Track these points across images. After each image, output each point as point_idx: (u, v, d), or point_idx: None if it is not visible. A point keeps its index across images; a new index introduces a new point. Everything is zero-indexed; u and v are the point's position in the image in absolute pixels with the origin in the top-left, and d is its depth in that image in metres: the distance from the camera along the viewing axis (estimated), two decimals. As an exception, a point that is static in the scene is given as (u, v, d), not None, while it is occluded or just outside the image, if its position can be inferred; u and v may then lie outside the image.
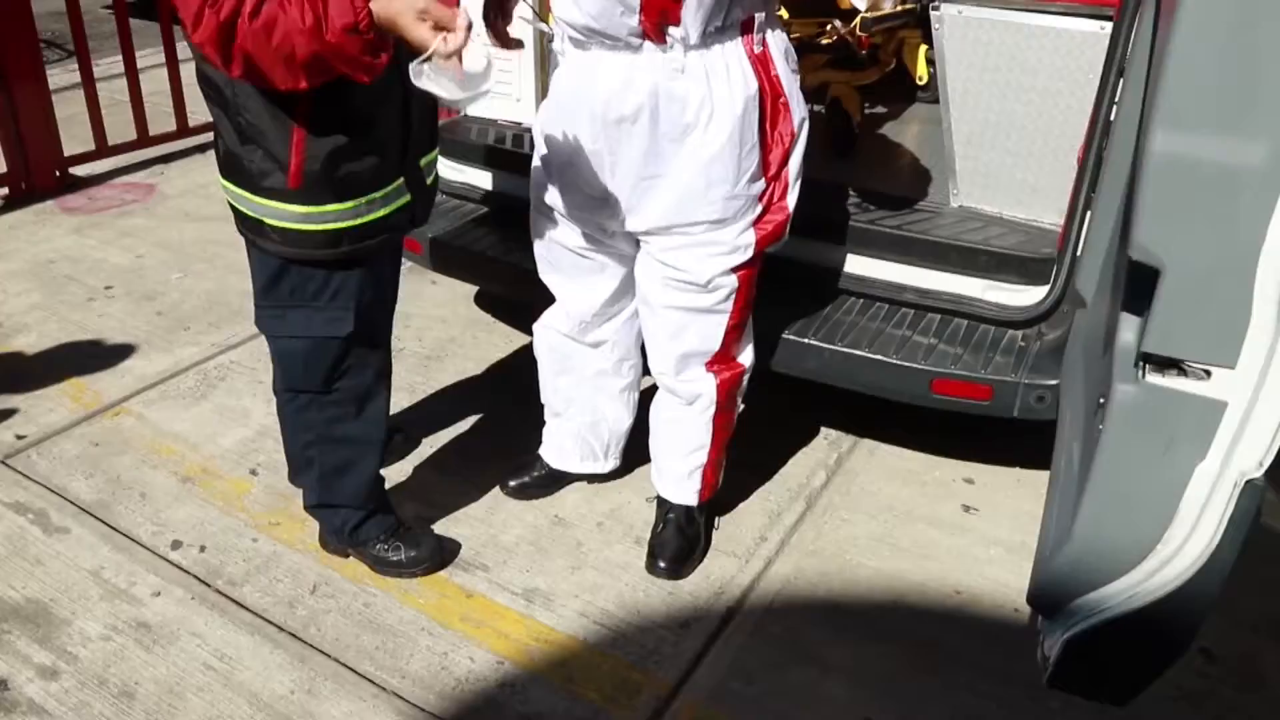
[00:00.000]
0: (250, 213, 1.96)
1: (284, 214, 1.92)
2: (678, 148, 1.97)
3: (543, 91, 3.11)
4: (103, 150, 4.75)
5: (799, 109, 2.04)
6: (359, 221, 1.97)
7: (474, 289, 3.66)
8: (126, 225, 4.27)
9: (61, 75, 5.30)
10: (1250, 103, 1.14)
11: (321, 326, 2.08)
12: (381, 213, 2.00)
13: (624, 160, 2.01)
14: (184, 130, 5.04)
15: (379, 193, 1.98)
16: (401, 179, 2.03)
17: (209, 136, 5.11)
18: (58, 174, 4.57)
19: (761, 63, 1.96)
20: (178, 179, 4.79)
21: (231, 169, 1.95)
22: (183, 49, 4.99)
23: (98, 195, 4.58)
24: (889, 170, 3.19)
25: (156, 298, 3.67)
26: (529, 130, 3.11)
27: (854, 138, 3.21)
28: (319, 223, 1.94)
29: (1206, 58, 1.13)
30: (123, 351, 3.31)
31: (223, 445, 2.86)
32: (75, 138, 4.67)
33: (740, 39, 1.93)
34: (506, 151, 3.03)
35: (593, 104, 1.98)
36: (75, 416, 2.96)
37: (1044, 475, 2.10)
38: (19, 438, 2.86)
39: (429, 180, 2.15)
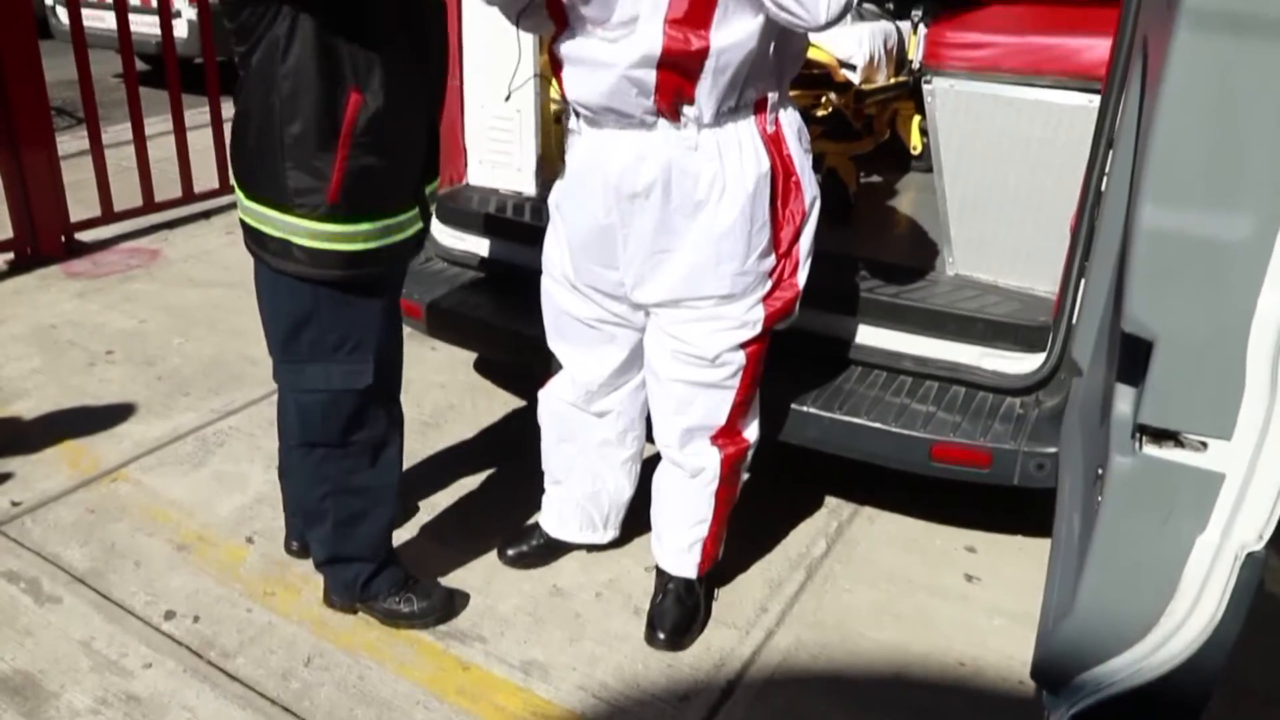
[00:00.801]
0: (278, 232, 1.97)
1: (316, 232, 1.95)
2: (689, 223, 2.00)
3: (542, 161, 3.16)
4: (109, 216, 4.80)
5: (810, 188, 2.07)
6: (381, 243, 2.02)
7: (474, 355, 3.67)
8: (130, 290, 4.30)
9: (71, 142, 5.38)
10: (1235, 178, 1.16)
11: (340, 380, 2.10)
12: (399, 237, 2.06)
13: (636, 233, 2.04)
14: (189, 196, 5.10)
15: (400, 217, 2.05)
16: (416, 206, 2.10)
17: (214, 202, 5.19)
18: (63, 239, 4.62)
19: (774, 142, 2.00)
20: (182, 244, 4.84)
21: (263, 188, 1.96)
22: (191, 116, 5.08)
23: (102, 260, 4.61)
24: (885, 239, 3.22)
25: (157, 362, 3.68)
26: (529, 199, 3.16)
27: (850, 207, 3.25)
28: (347, 242, 1.97)
29: (1191, 134, 1.16)
30: (122, 416, 3.31)
31: (220, 512, 2.84)
32: (82, 203, 4.73)
33: (753, 118, 1.97)
34: (506, 220, 3.07)
35: (606, 178, 2.02)
36: (72, 482, 2.95)
37: (1047, 543, 2.08)
38: (14, 504, 2.85)
39: (431, 208, 2.20)
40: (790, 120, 2.04)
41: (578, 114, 2.05)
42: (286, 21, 1.80)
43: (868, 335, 2.69)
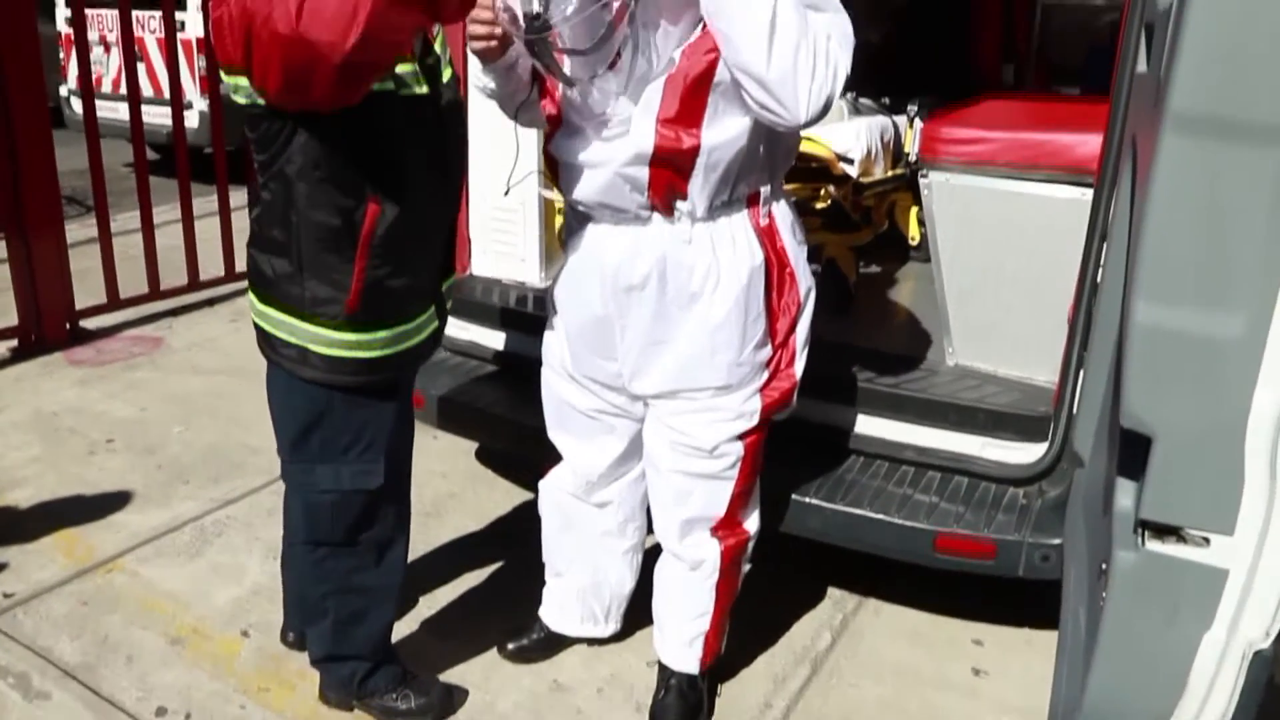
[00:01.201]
0: (295, 339, 1.96)
1: (334, 340, 1.95)
2: (685, 315, 2.02)
3: (546, 254, 3.21)
4: (114, 303, 4.85)
5: (805, 279, 2.10)
6: (400, 348, 2.03)
7: (475, 444, 3.66)
8: (132, 378, 4.32)
9: (80, 230, 5.45)
10: (1225, 277, 1.18)
11: (350, 480, 2.08)
12: (418, 339, 2.07)
13: (632, 325, 2.06)
14: (194, 284, 5.16)
15: (419, 319, 2.06)
16: (434, 305, 2.11)
17: (218, 290, 5.25)
18: (68, 326, 4.66)
19: (768, 234, 2.03)
20: (185, 332, 4.88)
21: (280, 296, 1.96)
22: (199, 204, 5.17)
23: (105, 348, 4.64)
24: (885, 328, 3.25)
25: (157, 451, 3.67)
26: (533, 290, 3.19)
27: (850, 297, 3.29)
28: (365, 349, 1.97)
29: (1180, 234, 1.18)
30: (120, 505, 3.29)
31: (215, 604, 2.81)
32: (88, 290, 4.78)
33: (746, 211, 2.00)
34: (510, 311, 3.10)
35: (603, 270, 2.04)
36: (66, 573, 2.92)
37: (1054, 635, 2.05)
38: (6, 596, 2.81)
39: (448, 304, 2.21)
40: (783, 213, 2.07)
41: (574, 208, 2.09)
42: (303, 135, 1.82)
43: (869, 425, 2.69)
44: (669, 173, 1.89)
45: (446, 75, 2.02)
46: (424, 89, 1.92)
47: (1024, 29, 5.93)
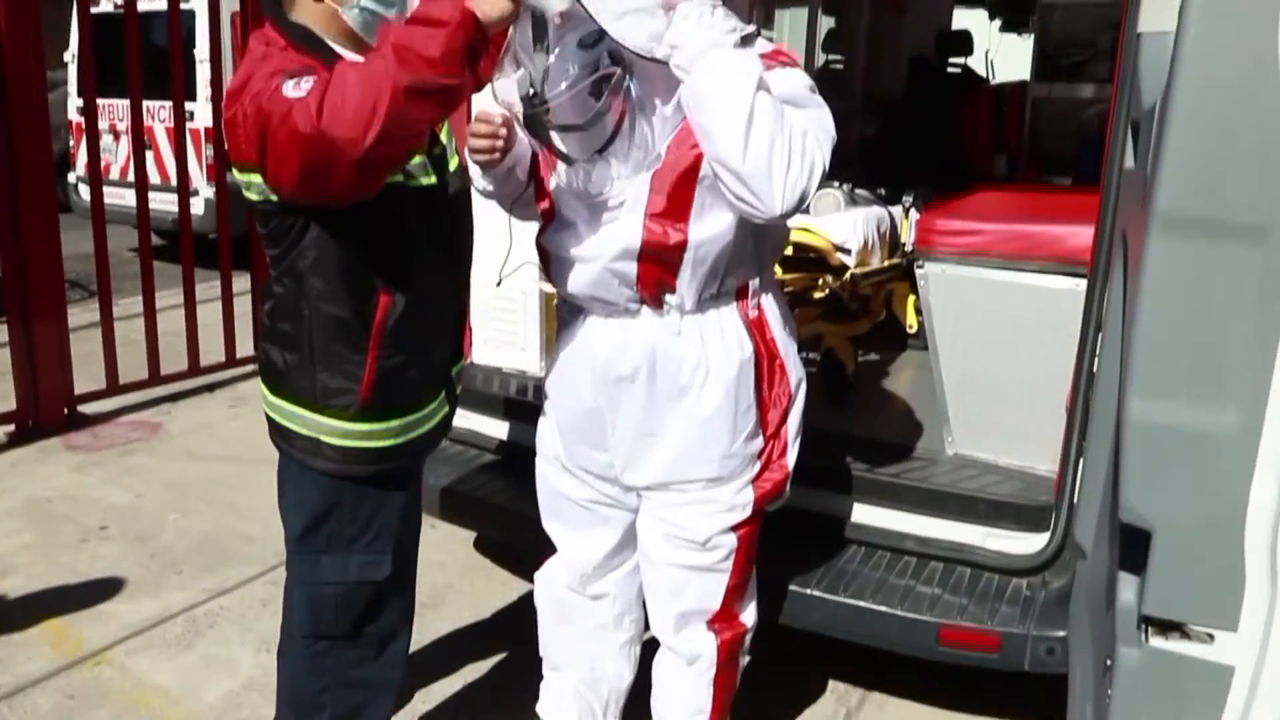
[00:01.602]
0: (307, 430, 1.96)
1: (348, 431, 1.94)
2: (675, 406, 2.02)
3: (547, 343, 3.22)
4: (113, 388, 4.86)
5: (796, 370, 2.11)
6: (412, 435, 2.03)
7: (474, 533, 3.63)
8: (129, 464, 4.31)
9: (82, 314, 5.49)
10: (1217, 373, 1.18)
11: (358, 571, 2.05)
12: (429, 425, 2.07)
13: (623, 417, 2.06)
14: (195, 369, 5.17)
15: (430, 405, 2.07)
16: (444, 391, 2.12)
17: (219, 375, 5.27)
18: (66, 411, 4.66)
19: (758, 326, 2.04)
20: (184, 417, 4.87)
21: (292, 388, 1.96)
22: (202, 290, 5.22)
23: (103, 433, 4.64)
24: (884, 418, 3.25)
25: (151, 539, 3.64)
26: (533, 379, 3.20)
27: (848, 386, 3.30)
28: (378, 439, 1.97)
29: (1171, 331, 1.19)
30: (111, 594, 3.25)
31: (205, 699, 2.75)
32: (88, 375, 4.79)
33: (736, 304, 2.02)
34: (510, 400, 3.10)
35: (593, 363, 2.05)
36: (53, 666, 2.87)
37: (1060, 734, 2.00)
38: (-8, 689, 2.76)
39: (458, 389, 2.22)
40: (773, 304, 2.09)
41: (565, 300, 2.11)
42: (315, 230, 1.85)
43: (870, 515, 2.68)
44: (657, 267, 1.91)
45: (453, 164, 2.07)
46: (432, 179, 1.96)
47: (1014, 121, 6.09)
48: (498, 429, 3.14)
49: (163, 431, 4.70)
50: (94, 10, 5.31)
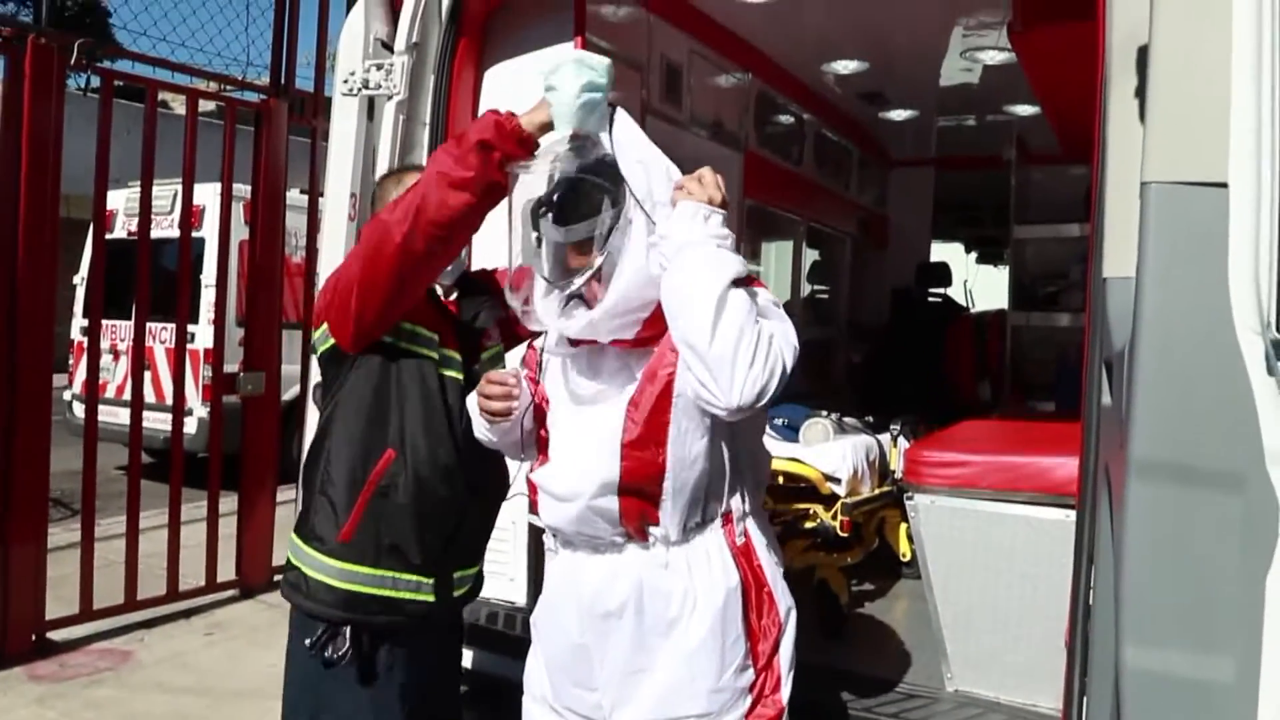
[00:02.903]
0: (297, 562, 2.13)
1: (322, 565, 2.09)
2: (663, 641, 1.97)
3: (535, 575, 3.17)
4: (86, 614, 4.69)
5: (784, 598, 2.07)
6: (381, 592, 2.11)
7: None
8: (94, 695, 4.11)
9: (62, 534, 5.40)
10: (1209, 618, 1.16)
11: None
12: (402, 594, 2.13)
13: (611, 654, 2.00)
14: (173, 594, 5.02)
15: (406, 576, 2.14)
16: (434, 580, 2.16)
17: (197, 601, 5.12)
18: (34, 638, 4.48)
19: (744, 554, 2.01)
20: (157, 646, 4.70)
21: (300, 521, 2.16)
22: (188, 510, 5.15)
23: (70, 661, 4.45)
24: (880, 652, 3.16)
25: (109, 779, 3.43)
26: (520, 610, 3.13)
27: (843, 618, 3.22)
28: (347, 580, 2.09)
29: (1158, 577, 1.18)
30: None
31: None
32: (61, 599, 4.65)
33: (721, 530, 2.00)
34: (497, 632, 3.02)
35: (580, 598, 2.02)
36: None
37: None
38: None
39: (457, 593, 2.25)
40: (759, 531, 2.06)
41: (554, 535, 2.10)
42: (352, 379, 2.12)
43: (869, 759, 2.56)
44: (638, 500, 1.91)
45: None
46: (460, 376, 2.18)
47: (996, 348, 6.25)
48: (484, 662, 3.04)
49: (133, 660, 4.51)
50: (108, 237, 5.52)
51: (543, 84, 1.88)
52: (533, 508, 2.13)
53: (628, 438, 1.89)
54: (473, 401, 2.09)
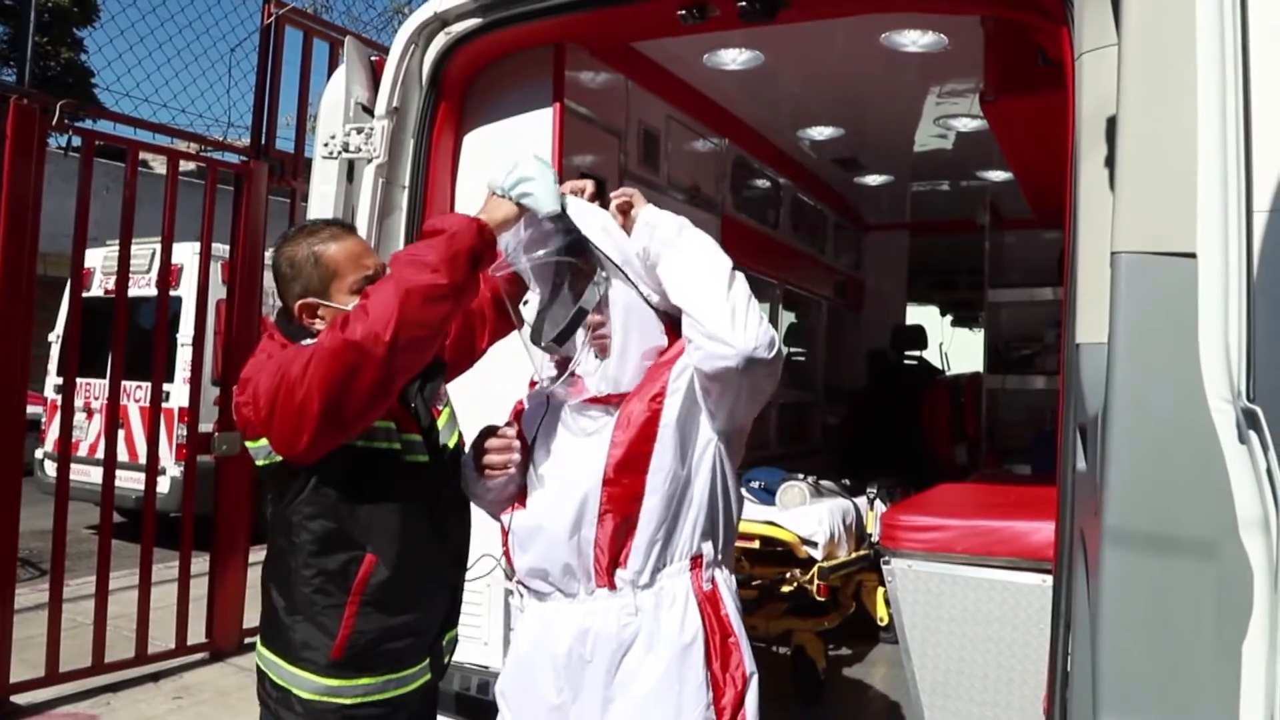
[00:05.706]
0: (281, 681, 2.00)
1: (314, 685, 1.97)
2: (628, 687, 1.96)
3: (509, 637, 3.13)
4: (52, 677, 4.58)
5: (749, 661, 2.05)
6: (383, 696, 2.02)
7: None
8: (56, 763, 4.00)
9: (30, 595, 5.29)
10: (1185, 686, 1.17)
11: None
12: (404, 689, 2.05)
13: (584, 706, 1.98)
14: (141, 658, 4.91)
15: (406, 670, 2.05)
16: (428, 659, 2.10)
17: (166, 664, 5.00)
18: (-4, 705, 4.37)
19: (710, 601, 2.01)
20: (123, 710, 4.58)
21: (274, 638, 2.03)
22: (158, 570, 5.05)
23: (33, 728, 4.34)
24: (859, 717, 3.13)
25: None
26: (494, 674, 3.08)
27: (820, 683, 3.19)
28: (345, 696, 1.98)
29: (1134, 644, 1.19)
30: None
31: None
32: (26, 661, 4.53)
33: (689, 574, 2.00)
34: (470, 698, 2.97)
35: (553, 652, 2.00)
36: None
37: None
38: None
39: (446, 659, 2.19)
40: (726, 581, 2.06)
41: (524, 590, 2.09)
42: (312, 487, 1.96)
43: (848, 830, 2.52)
44: (614, 532, 1.93)
45: (453, 441, 2.16)
46: (425, 458, 2.06)
47: (972, 411, 6.29)
48: (458, 730, 2.98)
49: (97, 726, 4.40)
50: (85, 295, 5.49)
51: (502, 185, 1.96)
52: (503, 555, 2.11)
53: (611, 461, 1.93)
54: (467, 461, 2.11)
